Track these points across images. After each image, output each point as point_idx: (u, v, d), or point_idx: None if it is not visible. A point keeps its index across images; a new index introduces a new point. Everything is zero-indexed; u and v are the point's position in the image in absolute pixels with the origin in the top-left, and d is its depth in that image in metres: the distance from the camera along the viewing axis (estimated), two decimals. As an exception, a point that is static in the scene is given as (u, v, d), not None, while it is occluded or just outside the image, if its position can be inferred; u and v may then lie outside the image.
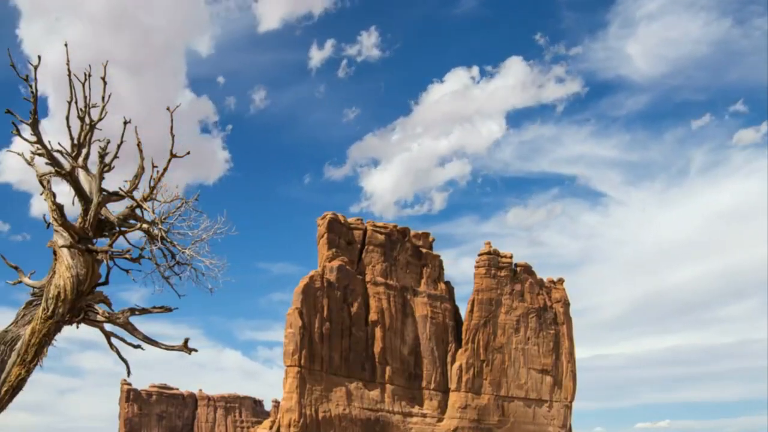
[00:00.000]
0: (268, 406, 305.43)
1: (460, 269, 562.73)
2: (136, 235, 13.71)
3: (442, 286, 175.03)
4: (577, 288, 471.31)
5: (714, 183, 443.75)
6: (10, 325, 12.59)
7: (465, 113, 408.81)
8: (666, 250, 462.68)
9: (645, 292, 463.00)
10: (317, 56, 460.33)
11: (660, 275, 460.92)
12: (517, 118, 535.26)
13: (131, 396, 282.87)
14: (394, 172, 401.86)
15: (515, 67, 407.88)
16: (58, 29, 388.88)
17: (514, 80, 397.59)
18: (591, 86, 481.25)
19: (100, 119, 12.93)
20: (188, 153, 13.73)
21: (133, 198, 13.42)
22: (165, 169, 13.51)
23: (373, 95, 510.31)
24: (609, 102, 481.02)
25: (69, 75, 12.29)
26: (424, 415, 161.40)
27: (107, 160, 13.32)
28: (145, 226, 13.50)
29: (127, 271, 13.62)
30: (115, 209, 13.78)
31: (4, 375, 11.82)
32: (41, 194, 12.97)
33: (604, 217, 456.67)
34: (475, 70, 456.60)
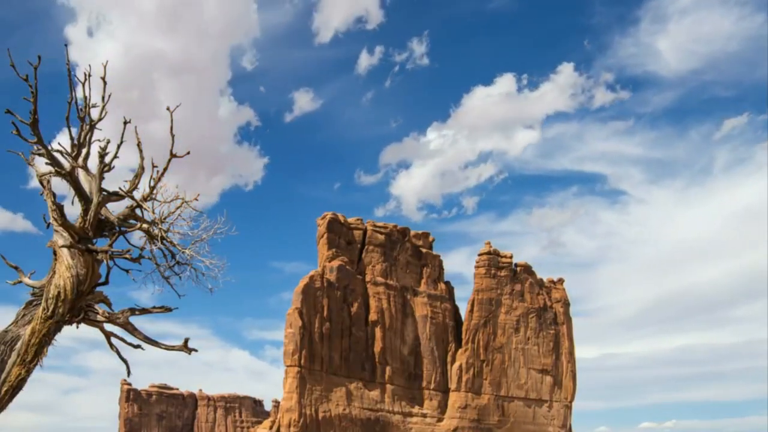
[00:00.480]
0: (268, 406, 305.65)
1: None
2: (136, 235, 13.72)
3: (442, 286, 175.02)
4: (594, 287, 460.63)
5: (736, 182, 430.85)
6: (10, 325, 12.58)
7: (505, 118, 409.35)
8: (684, 250, 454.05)
9: (661, 291, 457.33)
10: (365, 62, 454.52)
11: (677, 275, 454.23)
12: (551, 120, 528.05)
13: (131, 396, 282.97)
14: (424, 175, 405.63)
15: (565, 72, 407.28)
16: (108, 31, 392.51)
17: (560, 88, 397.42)
18: (619, 82, 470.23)
19: (100, 119, 12.93)
20: (188, 153, 13.73)
21: (133, 198, 13.43)
22: (165, 169, 13.52)
23: (416, 100, 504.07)
24: (636, 99, 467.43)
25: (69, 75, 12.29)
26: (424, 415, 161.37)
27: (107, 160, 13.33)
28: (145, 226, 13.50)
29: (127, 271, 13.61)
30: (116, 209, 13.79)
31: (4, 375, 11.81)
32: (41, 194, 12.97)
33: (623, 215, 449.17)
34: (525, 77, 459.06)
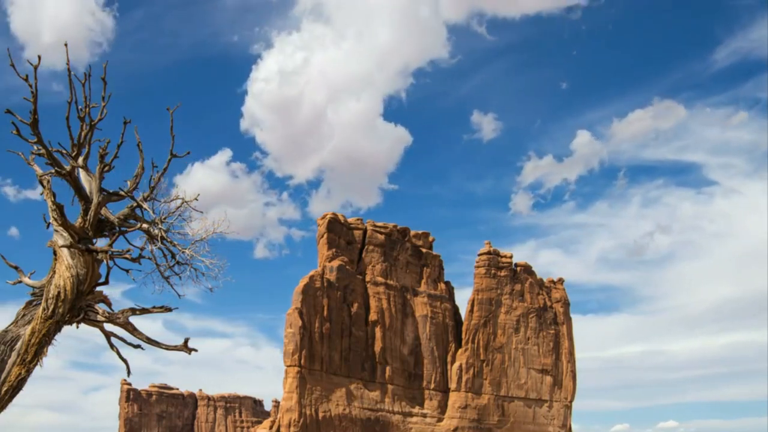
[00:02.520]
0: (268, 406, 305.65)
1: (538, 260, 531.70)
2: (135, 236, 13.72)
3: (442, 286, 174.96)
4: (667, 283, 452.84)
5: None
6: (10, 325, 12.58)
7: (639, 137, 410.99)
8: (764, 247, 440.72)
9: (734, 289, 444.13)
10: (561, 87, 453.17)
11: (754, 272, 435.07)
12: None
13: (131, 396, 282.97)
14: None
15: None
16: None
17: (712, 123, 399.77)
18: (742, 66, 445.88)
19: (100, 119, 12.93)
20: (188, 153, 13.74)
21: (133, 198, 13.43)
22: (165, 169, 13.54)
23: (581, 122, 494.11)
24: (754, 83, 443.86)
25: (69, 75, 12.29)
26: (424, 415, 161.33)
27: (107, 160, 13.32)
28: (145, 226, 13.51)
29: (127, 270, 13.63)
30: (115, 209, 13.79)
31: (4, 375, 11.81)
32: (41, 194, 12.96)
33: (708, 207, 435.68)
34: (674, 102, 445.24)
